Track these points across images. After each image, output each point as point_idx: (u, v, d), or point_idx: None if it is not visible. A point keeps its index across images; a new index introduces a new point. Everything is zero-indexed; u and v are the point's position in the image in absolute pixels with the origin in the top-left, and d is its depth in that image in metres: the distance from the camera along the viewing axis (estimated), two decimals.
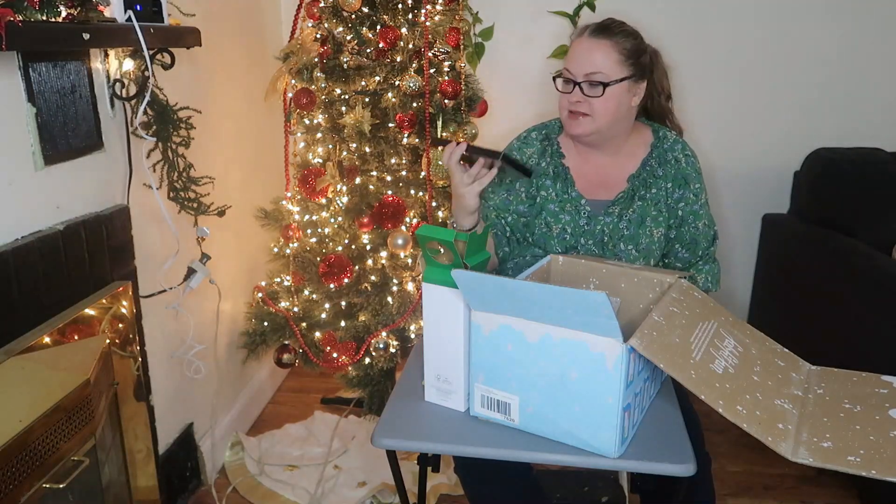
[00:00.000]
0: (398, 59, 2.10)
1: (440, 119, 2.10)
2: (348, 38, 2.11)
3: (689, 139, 2.68)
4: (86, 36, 1.24)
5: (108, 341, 1.51)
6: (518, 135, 1.57)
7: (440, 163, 2.07)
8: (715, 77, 2.55)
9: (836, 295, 2.07)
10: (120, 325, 1.55)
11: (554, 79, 1.43)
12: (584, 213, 1.46)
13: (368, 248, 2.18)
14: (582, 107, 1.39)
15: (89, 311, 1.44)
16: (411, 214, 2.14)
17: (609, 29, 1.39)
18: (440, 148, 1.35)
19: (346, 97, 2.14)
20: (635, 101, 1.43)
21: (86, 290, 1.44)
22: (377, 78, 2.11)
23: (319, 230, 2.21)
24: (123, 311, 1.55)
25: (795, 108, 2.56)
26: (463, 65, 2.19)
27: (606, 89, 1.36)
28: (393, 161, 2.16)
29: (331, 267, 2.12)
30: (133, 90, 1.57)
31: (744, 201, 2.66)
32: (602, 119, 1.40)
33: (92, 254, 1.45)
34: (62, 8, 1.25)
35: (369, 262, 2.19)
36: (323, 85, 2.12)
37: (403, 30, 2.09)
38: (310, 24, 2.12)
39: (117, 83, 1.54)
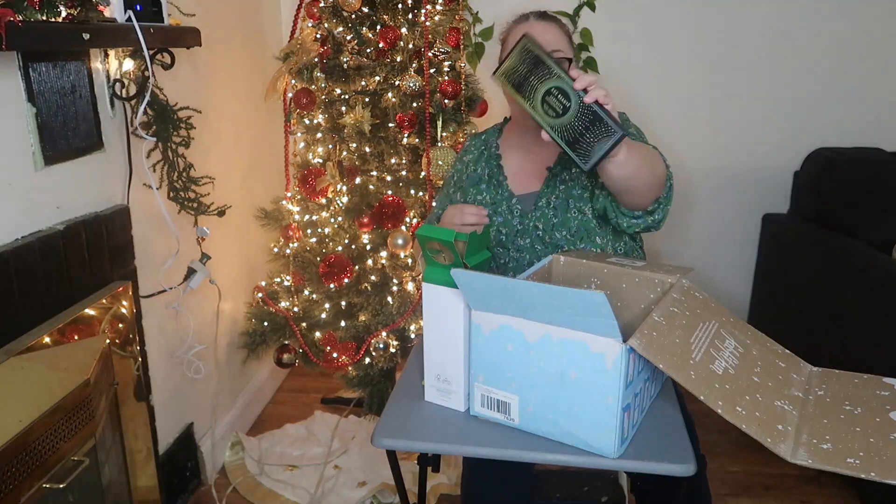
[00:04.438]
0: (398, 59, 2.10)
1: (440, 119, 2.10)
2: (348, 38, 2.11)
3: (689, 139, 2.68)
4: (86, 36, 1.25)
5: (108, 341, 1.51)
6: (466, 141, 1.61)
7: (440, 162, 2.07)
8: (715, 77, 2.55)
9: (837, 295, 2.07)
10: (120, 325, 1.55)
11: None
12: (517, 213, 1.45)
13: (368, 248, 2.18)
14: None
15: (89, 311, 1.44)
16: (411, 214, 2.14)
17: (549, 15, 1.43)
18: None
19: (346, 97, 2.14)
20: None
21: (86, 290, 1.44)
22: (377, 78, 2.11)
23: (319, 230, 2.21)
24: (123, 311, 1.55)
25: (795, 108, 2.56)
26: (463, 65, 2.19)
27: (571, 64, 1.38)
28: (393, 161, 2.16)
29: (331, 267, 2.12)
30: (133, 90, 1.57)
31: (744, 201, 2.66)
32: None
33: (92, 254, 1.45)
34: (62, 8, 1.25)
35: (369, 262, 2.19)
36: (323, 85, 2.12)
37: (403, 30, 2.09)
38: (310, 24, 2.12)
39: (117, 83, 1.54)
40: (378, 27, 2.08)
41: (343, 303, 2.21)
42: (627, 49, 2.55)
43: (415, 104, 2.10)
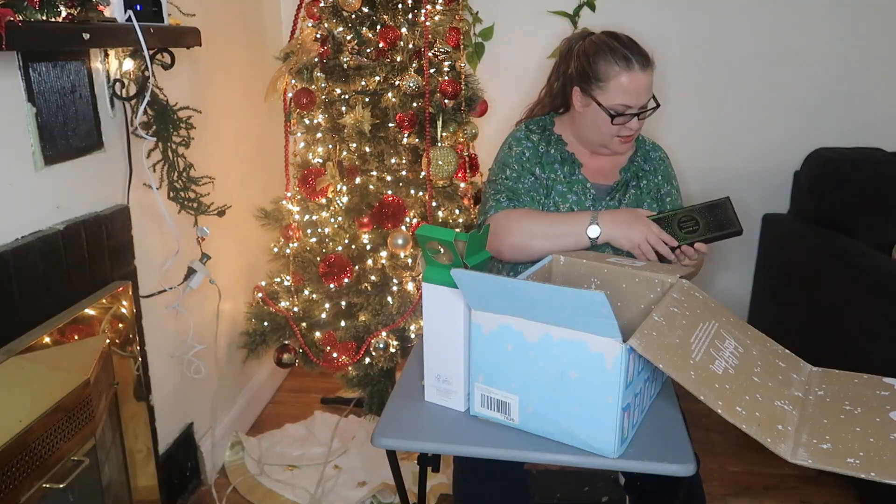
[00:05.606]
0: (398, 59, 2.10)
1: (440, 119, 2.10)
2: (348, 38, 2.11)
3: (689, 139, 2.68)
4: (86, 36, 1.25)
5: (108, 341, 1.51)
6: (514, 130, 1.59)
7: (440, 162, 2.07)
8: (715, 77, 2.55)
9: (836, 295, 2.07)
10: (120, 325, 1.55)
11: (611, 114, 1.44)
12: (590, 196, 1.53)
13: (368, 248, 2.18)
14: (636, 129, 1.49)
15: (89, 311, 1.44)
16: (411, 214, 2.14)
17: (649, 58, 1.47)
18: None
19: (346, 97, 2.14)
20: None
21: (86, 290, 1.44)
22: (377, 78, 2.11)
23: (319, 230, 2.21)
24: (123, 311, 1.55)
25: (795, 108, 2.56)
26: (463, 65, 2.19)
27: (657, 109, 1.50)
28: (393, 161, 2.16)
29: (331, 267, 2.12)
30: (133, 90, 1.57)
31: (744, 201, 2.66)
32: (638, 132, 1.52)
33: (92, 254, 1.45)
34: (62, 8, 1.25)
35: (369, 262, 2.19)
36: (323, 85, 2.12)
37: (403, 30, 2.09)
38: (310, 24, 2.12)
39: (117, 83, 1.54)
40: (378, 27, 2.08)
41: (343, 303, 2.21)
42: None
43: (415, 104, 2.10)
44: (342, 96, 2.14)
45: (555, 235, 1.40)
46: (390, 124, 2.12)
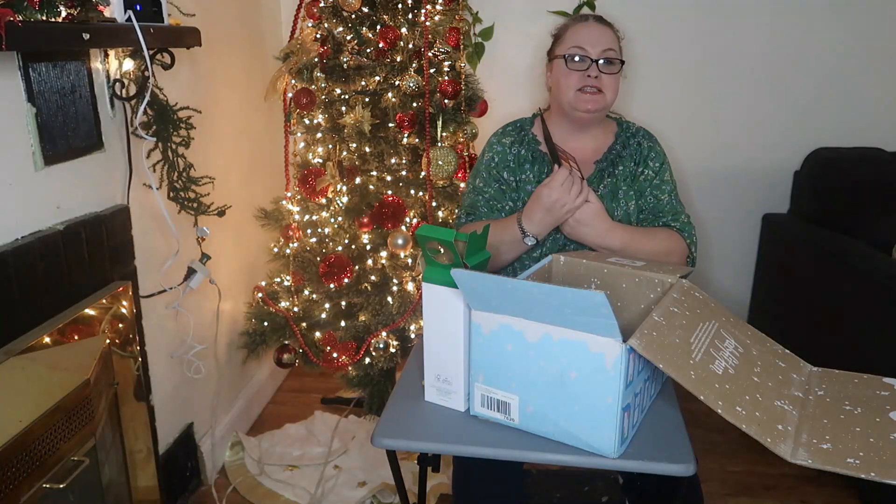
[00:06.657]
0: (398, 59, 2.10)
1: (440, 119, 2.10)
2: (348, 38, 2.11)
3: (689, 139, 2.68)
4: (86, 36, 1.25)
5: (108, 341, 1.51)
6: (493, 134, 1.62)
7: (440, 162, 2.07)
8: (715, 76, 2.55)
9: (836, 295, 2.07)
10: (120, 325, 1.55)
11: (565, 57, 1.48)
12: None
13: (368, 248, 2.18)
14: (598, 82, 1.47)
15: (89, 311, 1.44)
16: (411, 214, 2.14)
17: (605, 20, 1.54)
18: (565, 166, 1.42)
19: (346, 97, 2.14)
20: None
21: (86, 290, 1.44)
22: (377, 78, 2.11)
23: (319, 230, 2.21)
24: (123, 311, 1.55)
25: (795, 108, 2.56)
26: (463, 65, 2.19)
27: (621, 66, 1.49)
28: (393, 161, 2.16)
29: (331, 267, 2.12)
30: (133, 90, 1.57)
31: (744, 201, 2.66)
32: (610, 96, 1.49)
33: (92, 254, 1.45)
34: (62, 8, 1.25)
35: (369, 262, 2.19)
36: (323, 85, 2.12)
37: (403, 30, 2.09)
38: (310, 24, 2.12)
39: (117, 83, 1.54)
40: (378, 27, 2.08)
41: (343, 303, 2.21)
42: (627, 48, 2.53)
43: (415, 104, 2.10)
44: (342, 96, 2.14)
45: (494, 255, 1.43)
46: (390, 124, 2.12)
